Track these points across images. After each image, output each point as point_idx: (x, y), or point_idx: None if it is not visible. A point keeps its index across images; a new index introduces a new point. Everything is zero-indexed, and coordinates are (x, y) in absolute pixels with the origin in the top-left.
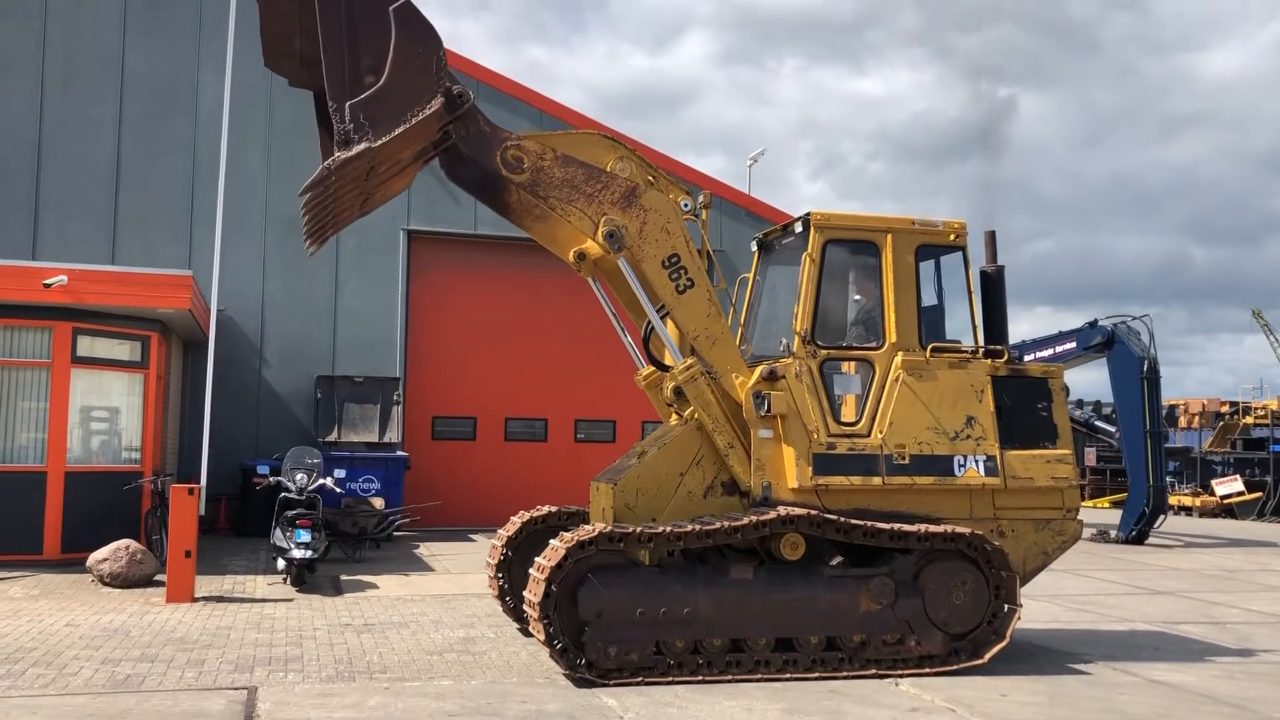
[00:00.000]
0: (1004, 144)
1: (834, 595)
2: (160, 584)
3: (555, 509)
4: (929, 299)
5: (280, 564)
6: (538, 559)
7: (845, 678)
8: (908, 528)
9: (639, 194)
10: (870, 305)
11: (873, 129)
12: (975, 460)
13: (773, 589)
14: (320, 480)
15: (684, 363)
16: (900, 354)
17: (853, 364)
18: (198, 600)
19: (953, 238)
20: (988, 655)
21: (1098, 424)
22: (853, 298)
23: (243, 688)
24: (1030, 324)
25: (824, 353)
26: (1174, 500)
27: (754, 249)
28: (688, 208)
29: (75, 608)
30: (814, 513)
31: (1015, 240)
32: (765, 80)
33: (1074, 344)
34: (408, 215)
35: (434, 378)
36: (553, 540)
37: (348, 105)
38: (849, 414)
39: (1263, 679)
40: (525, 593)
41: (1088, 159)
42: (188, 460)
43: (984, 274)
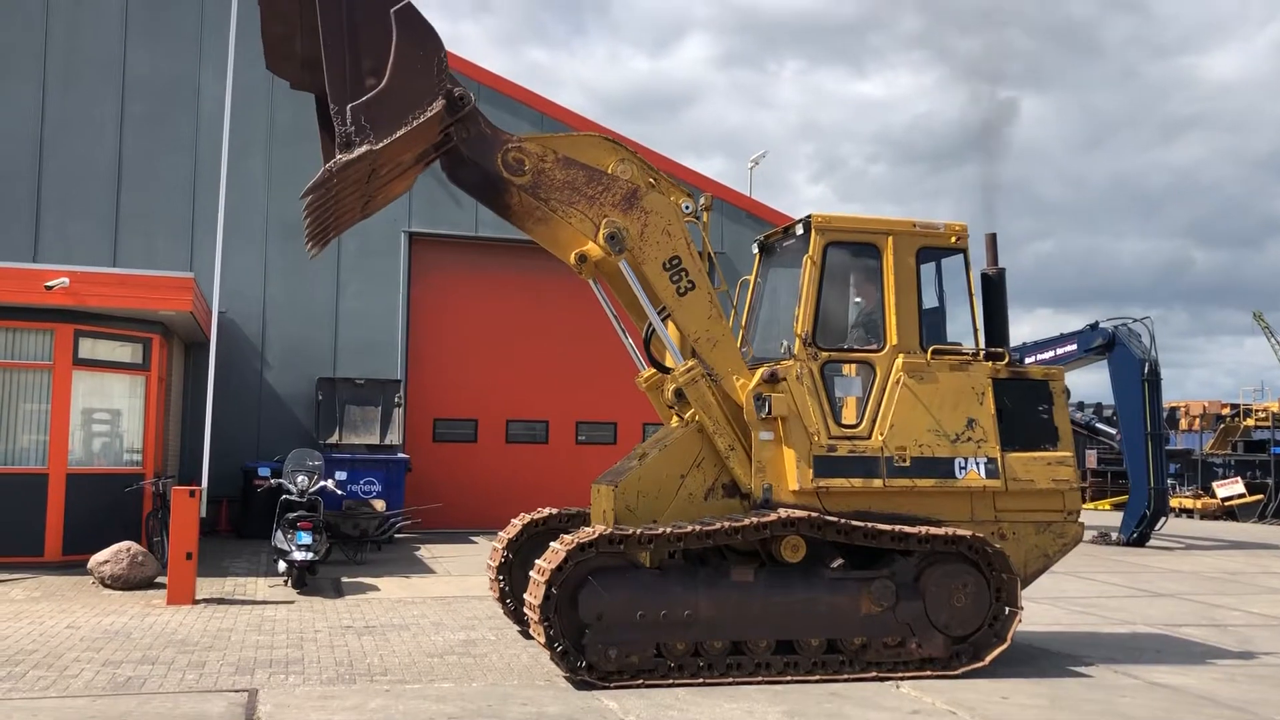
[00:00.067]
0: (1005, 146)
1: (835, 598)
2: (161, 586)
3: (556, 511)
4: (930, 301)
5: (281, 566)
6: (538, 561)
7: (846, 680)
8: (909, 530)
9: (640, 196)
10: (871, 308)
11: (874, 131)
12: (976, 462)
13: (773, 591)
14: (321, 482)
15: (685, 365)
16: (901, 356)
17: (854, 366)
18: (199, 602)
19: (954, 240)
20: (989, 658)
21: (1099, 426)
22: (854, 300)
23: (243, 690)
24: (1031, 326)
25: (825, 355)
26: (1175, 503)
27: (755, 251)
28: (689, 210)
29: (76, 610)
30: (815, 515)
31: (1016, 242)
32: (766, 83)
33: (1075, 346)
34: (409, 217)
35: (435, 380)
36: (553, 542)
37: (349, 108)
38: (850, 416)
39: (1264, 681)
40: (526, 595)
41: (1089, 161)
42: (189, 462)
43: (985, 276)
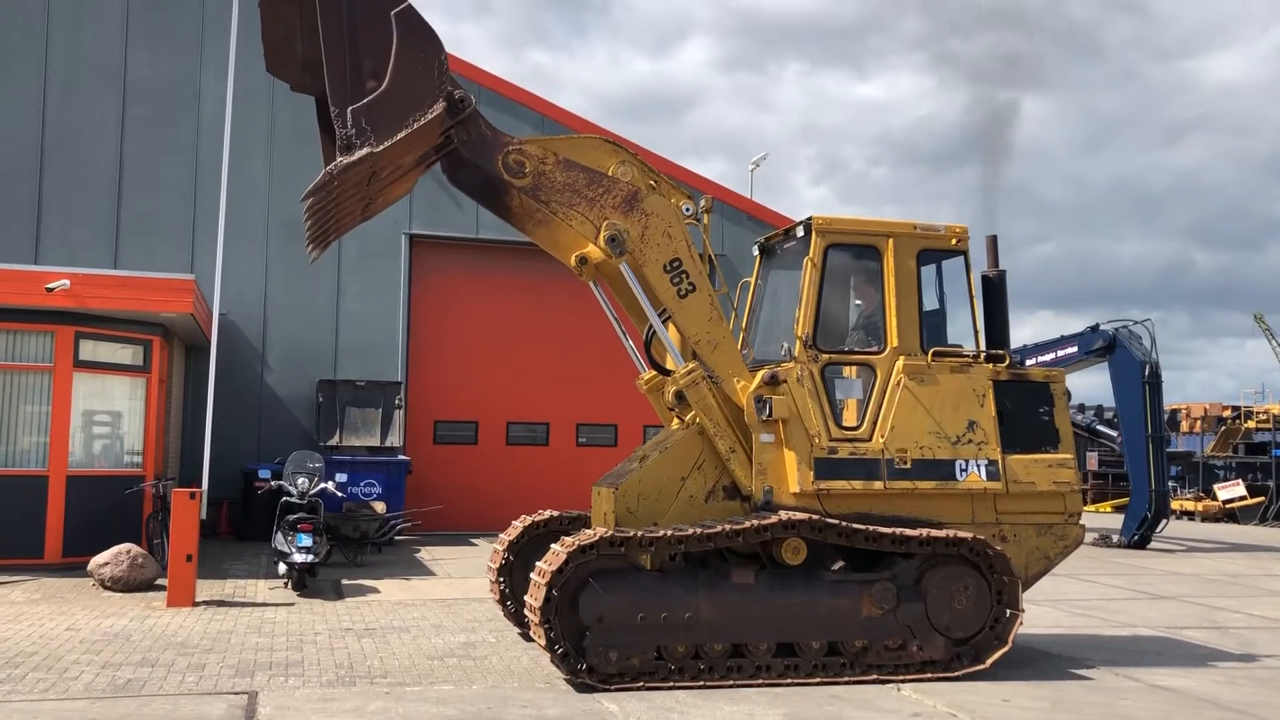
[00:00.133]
0: (1007, 148)
1: (835, 600)
2: (161, 588)
3: (557, 513)
4: (930, 303)
5: (281, 568)
6: (539, 563)
7: (847, 683)
8: (910, 532)
9: (641, 198)
10: (872, 310)
11: (875, 134)
12: (977, 465)
13: (774, 594)
14: (322, 484)
15: (685, 367)
16: (902, 358)
17: (854, 368)
18: (199, 604)
19: (954, 242)
20: (990, 660)
21: (1099, 428)
22: (854, 302)
23: (243, 692)
24: (1032, 328)
25: (825, 357)
26: (1176, 505)
27: (755, 253)
28: (689, 212)
29: (76, 612)
30: (815, 517)
31: (1017, 244)
32: (767, 85)
33: (1075, 348)
34: (410, 219)
35: (436, 382)
36: (554, 545)
37: (349, 110)
38: (850, 418)
39: (1265, 684)
40: (526, 597)
41: (1090, 163)
42: (189, 464)
43: (985, 278)
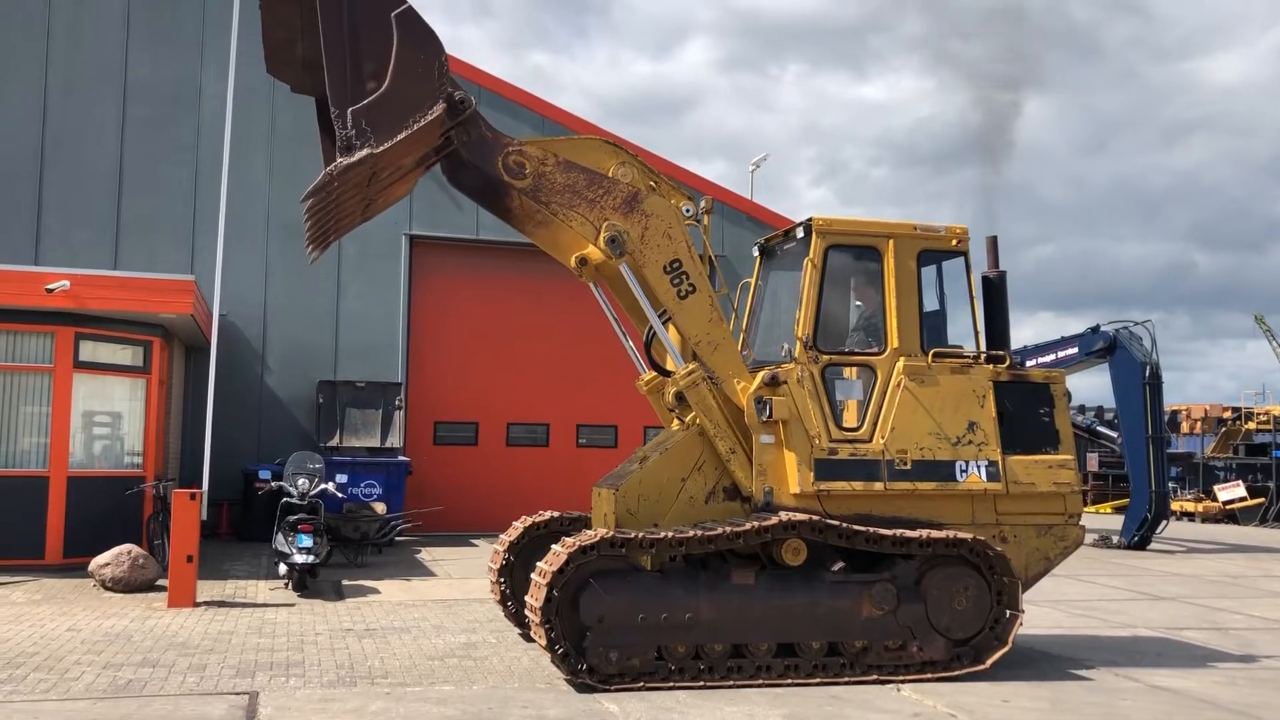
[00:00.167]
0: (1008, 148)
1: (836, 601)
2: (162, 589)
3: (557, 514)
4: (931, 304)
5: (282, 569)
6: (539, 564)
7: (847, 683)
8: (910, 533)
9: (641, 199)
10: (872, 311)
11: (875, 135)
12: (977, 465)
13: (774, 594)
14: (322, 485)
15: (686, 368)
16: (902, 359)
17: (854, 369)
18: (199, 605)
19: (955, 243)
20: (990, 661)
21: (1100, 429)
22: (854, 303)
23: (244, 693)
24: (1032, 329)
25: (826, 358)
26: (1176, 506)
27: (756, 254)
28: (689, 213)
29: (77, 612)
30: (816, 518)
31: (1017, 245)
32: (767, 86)
33: (1076, 349)
34: (410, 220)
35: (436, 382)
36: (554, 545)
37: (350, 111)
38: (851, 419)
39: (1266, 685)
40: (527, 598)
41: (1090, 164)
42: (190, 465)
43: (986, 279)
